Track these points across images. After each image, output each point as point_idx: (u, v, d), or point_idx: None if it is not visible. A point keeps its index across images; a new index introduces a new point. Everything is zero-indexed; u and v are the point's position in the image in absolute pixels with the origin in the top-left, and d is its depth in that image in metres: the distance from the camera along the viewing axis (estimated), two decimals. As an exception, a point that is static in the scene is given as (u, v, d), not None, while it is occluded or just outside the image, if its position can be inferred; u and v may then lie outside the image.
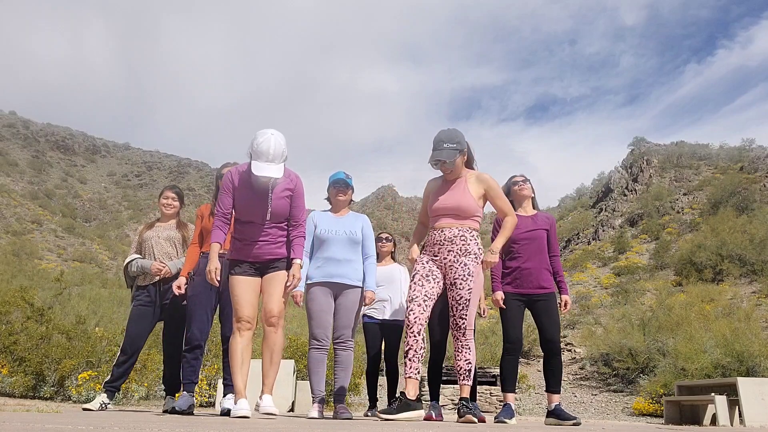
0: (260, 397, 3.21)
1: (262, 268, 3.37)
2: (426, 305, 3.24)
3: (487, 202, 3.49)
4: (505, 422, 3.64)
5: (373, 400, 5.48)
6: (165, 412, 4.02)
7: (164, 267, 4.29)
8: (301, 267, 3.41)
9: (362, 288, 4.03)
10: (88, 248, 52.31)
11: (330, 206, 4.18)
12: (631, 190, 46.42)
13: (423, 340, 3.21)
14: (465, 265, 3.27)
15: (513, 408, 3.78)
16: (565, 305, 3.99)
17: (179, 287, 4.00)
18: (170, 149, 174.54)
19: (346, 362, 3.95)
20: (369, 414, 5.37)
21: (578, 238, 41.79)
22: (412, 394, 3.09)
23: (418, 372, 3.22)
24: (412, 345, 3.17)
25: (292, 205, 3.40)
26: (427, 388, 4.96)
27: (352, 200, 4.21)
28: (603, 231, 40.45)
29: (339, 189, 4.09)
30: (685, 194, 41.04)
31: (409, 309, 3.24)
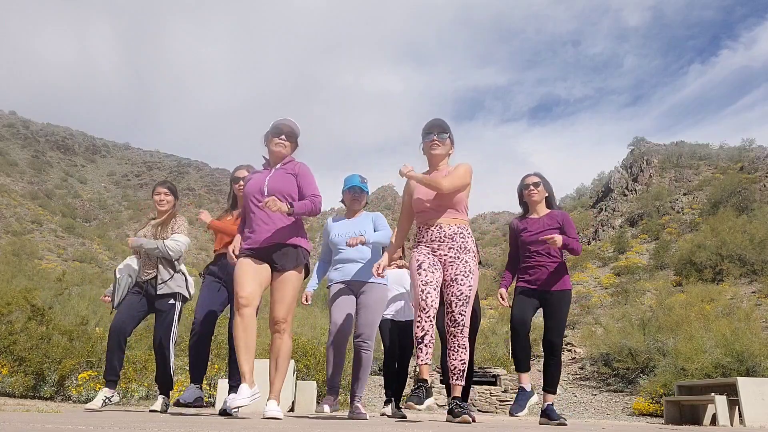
0: (265, 403, 3.20)
1: (268, 254, 3.27)
2: (438, 291, 3.19)
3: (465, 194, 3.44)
4: (515, 416, 3.74)
5: (390, 395, 5.50)
6: (152, 411, 4.02)
7: (107, 300, 4.46)
8: (288, 210, 3.15)
9: (385, 285, 4.11)
10: (88, 248, 52.32)
11: (345, 209, 4.27)
12: (631, 190, 46.44)
13: (435, 326, 3.15)
14: (466, 262, 3.27)
15: (528, 390, 3.86)
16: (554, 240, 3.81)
17: (233, 250, 3.60)
18: (170, 149, 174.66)
19: (366, 362, 4.00)
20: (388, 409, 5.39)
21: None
22: (429, 380, 3.13)
23: (431, 357, 3.16)
24: (428, 330, 3.08)
25: (302, 184, 3.36)
26: (433, 384, 4.97)
27: (366, 203, 4.29)
28: (603, 231, 40.46)
29: (355, 196, 4.15)
30: (685, 194, 41.07)
31: (425, 292, 3.10)
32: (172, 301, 4.28)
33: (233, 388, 4.03)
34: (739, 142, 51.38)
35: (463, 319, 3.19)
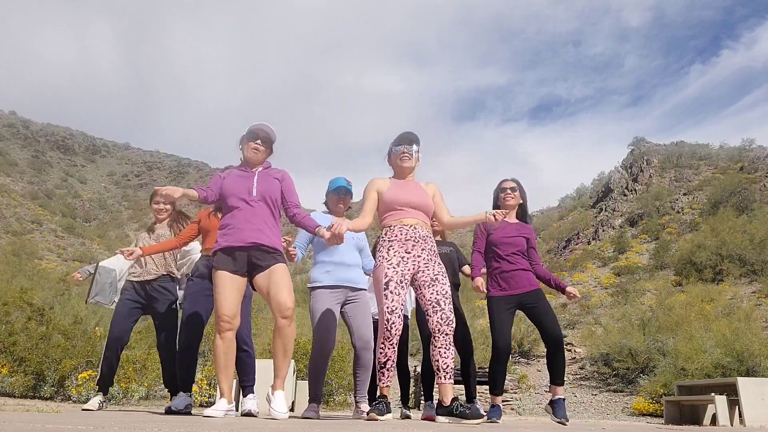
0: (272, 394, 3.17)
1: (249, 260, 3.24)
2: (403, 315, 3.29)
3: None
4: (497, 422, 3.67)
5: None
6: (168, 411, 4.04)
7: (78, 277, 4.61)
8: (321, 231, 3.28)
9: (366, 290, 4.05)
10: (88, 248, 52.31)
11: (328, 212, 4.17)
12: (631, 190, 46.42)
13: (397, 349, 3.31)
14: (439, 263, 3.37)
15: (501, 409, 3.91)
16: (573, 296, 3.99)
17: (130, 252, 4.06)
18: (170, 149, 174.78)
19: (367, 363, 3.97)
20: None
21: (578, 238, 41.77)
22: (388, 398, 3.36)
23: (391, 380, 3.35)
24: (390, 356, 3.24)
25: (285, 190, 3.42)
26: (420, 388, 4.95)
27: (350, 207, 4.22)
28: (603, 231, 40.45)
29: (340, 197, 4.07)
30: (685, 194, 41.05)
31: (390, 322, 3.18)
32: (173, 305, 4.33)
33: (247, 388, 4.09)
34: (739, 142, 51.41)
35: (452, 316, 3.26)
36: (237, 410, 4.09)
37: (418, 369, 14.24)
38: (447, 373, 3.23)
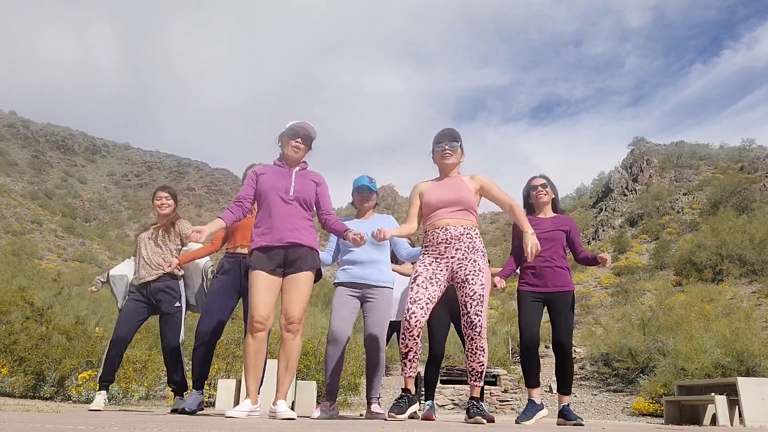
0: (274, 403, 3.17)
1: (285, 259, 3.25)
2: (427, 308, 3.22)
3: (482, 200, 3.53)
4: (519, 423, 3.66)
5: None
6: (174, 411, 4.03)
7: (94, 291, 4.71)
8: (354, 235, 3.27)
9: (390, 288, 4.02)
10: (88, 248, 52.33)
11: (356, 211, 4.18)
12: (631, 190, 46.45)
13: (420, 341, 3.25)
14: (475, 261, 3.26)
15: (538, 404, 3.85)
16: (605, 261, 3.97)
17: (169, 264, 4.18)
18: (170, 149, 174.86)
19: (380, 362, 3.94)
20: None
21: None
22: (413, 390, 3.31)
23: (416, 371, 3.33)
24: (411, 347, 3.22)
25: (320, 195, 3.43)
26: (422, 388, 4.95)
27: (377, 204, 4.23)
28: (603, 231, 40.48)
29: (363, 195, 4.08)
30: (685, 194, 41.08)
31: (410, 311, 3.18)
32: (177, 304, 4.32)
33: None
34: (740, 142, 51.43)
35: (479, 320, 3.16)
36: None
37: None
38: (471, 375, 3.27)
